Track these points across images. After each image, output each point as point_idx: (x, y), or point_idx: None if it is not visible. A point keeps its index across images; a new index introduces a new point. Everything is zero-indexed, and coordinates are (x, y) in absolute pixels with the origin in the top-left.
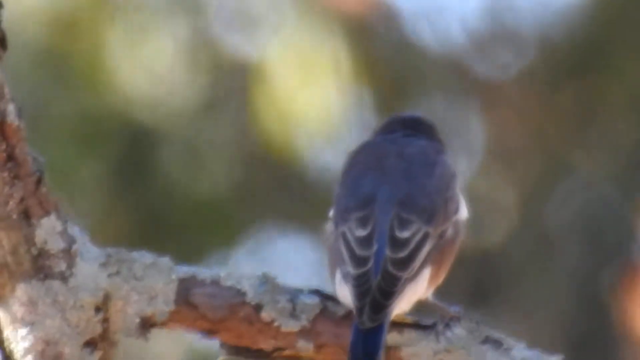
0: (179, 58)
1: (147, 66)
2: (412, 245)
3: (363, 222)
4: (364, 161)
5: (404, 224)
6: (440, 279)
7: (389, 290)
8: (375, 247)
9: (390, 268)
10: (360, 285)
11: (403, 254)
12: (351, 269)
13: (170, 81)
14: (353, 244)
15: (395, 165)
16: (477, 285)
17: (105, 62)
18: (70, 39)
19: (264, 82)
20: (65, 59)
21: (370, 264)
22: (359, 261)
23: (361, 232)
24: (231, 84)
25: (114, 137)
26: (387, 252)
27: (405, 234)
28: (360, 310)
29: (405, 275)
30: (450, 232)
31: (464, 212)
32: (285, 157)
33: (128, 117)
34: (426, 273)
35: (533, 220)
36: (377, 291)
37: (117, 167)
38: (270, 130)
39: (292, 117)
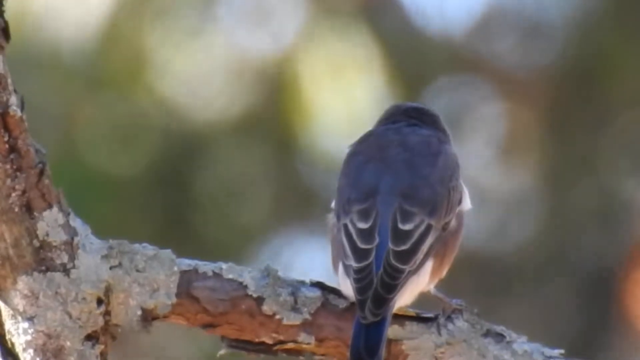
0: (213, 65)
1: (183, 73)
2: (414, 237)
3: (365, 215)
4: (366, 151)
5: (406, 216)
6: (443, 272)
7: (391, 283)
8: (377, 240)
9: (393, 260)
10: (362, 279)
11: (406, 246)
12: (353, 262)
13: (203, 89)
14: (355, 237)
15: (398, 155)
16: (486, 279)
17: (145, 68)
18: (111, 44)
19: (294, 87)
20: (106, 64)
21: (372, 257)
22: (360, 254)
23: (363, 225)
24: (263, 92)
25: (149, 142)
26: (390, 244)
27: (408, 226)
28: (362, 304)
29: (408, 267)
30: (453, 223)
31: (467, 203)
32: (317, 164)
33: (163, 122)
34: (429, 266)
35: (544, 214)
36: (380, 284)
37: (150, 172)
38: (301, 136)
39: (323, 123)
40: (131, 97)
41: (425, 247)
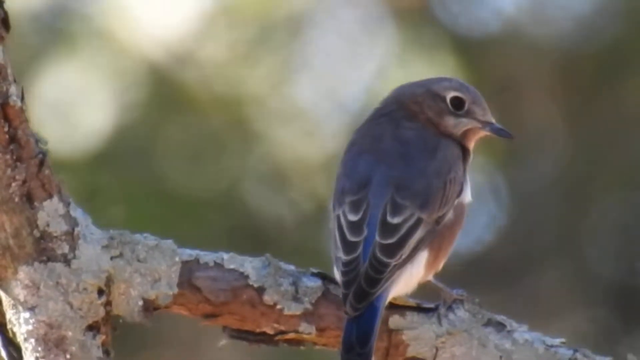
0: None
1: (277, 108)
2: (402, 231)
3: (356, 207)
4: (362, 141)
5: (396, 209)
6: (439, 264)
7: (375, 277)
8: (365, 233)
9: (379, 254)
10: (349, 272)
11: (392, 239)
12: (342, 255)
13: (296, 125)
14: (345, 229)
15: (393, 146)
16: (502, 274)
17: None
18: (186, 68)
19: None
20: (180, 85)
21: (359, 250)
22: (349, 247)
23: (353, 217)
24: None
25: (233, 167)
26: (377, 237)
27: (396, 220)
28: (345, 297)
29: (393, 261)
30: (450, 216)
31: (467, 196)
32: None
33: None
34: (422, 257)
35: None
36: (364, 278)
37: (232, 196)
38: None
39: None
40: (217, 123)
41: (412, 242)
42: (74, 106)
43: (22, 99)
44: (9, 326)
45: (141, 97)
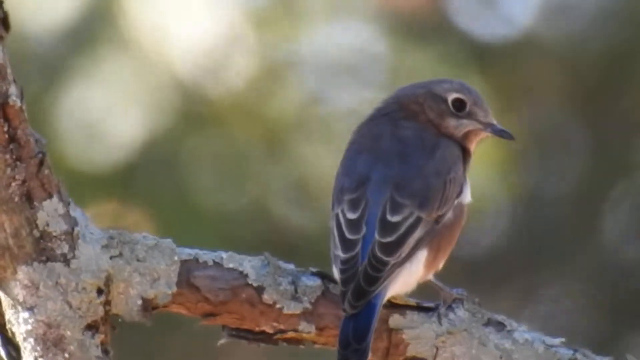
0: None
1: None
2: (401, 229)
3: (354, 205)
4: (361, 140)
5: (396, 207)
6: (439, 263)
7: (374, 275)
8: (363, 231)
9: (378, 252)
10: (347, 270)
11: (391, 238)
12: (340, 253)
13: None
14: (344, 227)
15: (392, 145)
16: (502, 274)
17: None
18: (213, 82)
19: None
20: (206, 99)
21: (358, 248)
22: (347, 245)
23: (351, 215)
24: None
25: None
26: (376, 235)
27: (395, 218)
28: (344, 295)
29: (392, 260)
30: (449, 216)
31: (467, 196)
32: None
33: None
34: (422, 256)
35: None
36: (362, 276)
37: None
38: None
39: None
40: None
41: (412, 240)
42: (101, 120)
43: (22, 98)
44: (8, 326)
45: (168, 111)
